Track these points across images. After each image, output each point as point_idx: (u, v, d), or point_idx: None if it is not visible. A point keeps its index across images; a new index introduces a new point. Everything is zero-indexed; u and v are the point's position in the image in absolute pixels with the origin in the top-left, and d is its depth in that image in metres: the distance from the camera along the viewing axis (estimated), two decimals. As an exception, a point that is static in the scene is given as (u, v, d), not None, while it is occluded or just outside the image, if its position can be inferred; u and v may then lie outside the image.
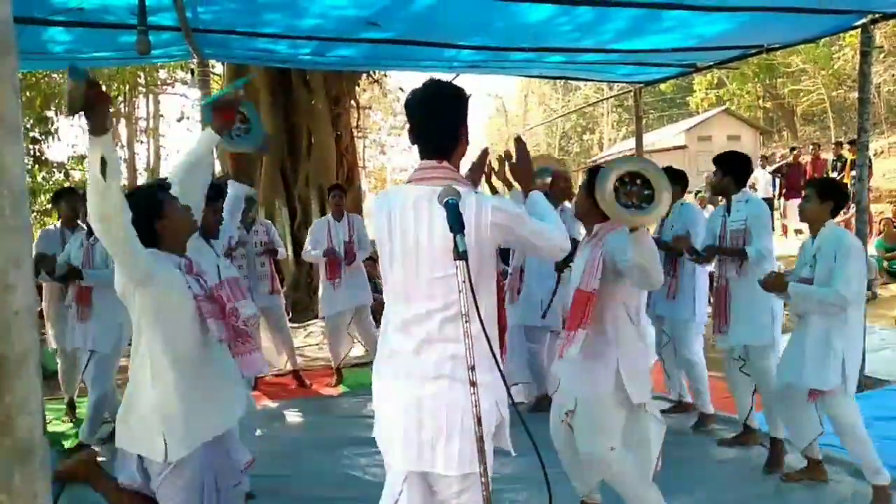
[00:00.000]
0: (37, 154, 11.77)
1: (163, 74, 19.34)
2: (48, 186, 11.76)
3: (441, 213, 1.81)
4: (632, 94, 8.03)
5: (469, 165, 2.52)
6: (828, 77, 26.81)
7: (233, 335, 2.43)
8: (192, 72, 5.93)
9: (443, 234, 1.86)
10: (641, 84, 7.47)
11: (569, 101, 43.03)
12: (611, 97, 19.73)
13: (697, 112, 33.96)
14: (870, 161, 9.60)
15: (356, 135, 11.47)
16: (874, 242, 9.69)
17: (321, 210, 8.77)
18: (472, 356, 1.71)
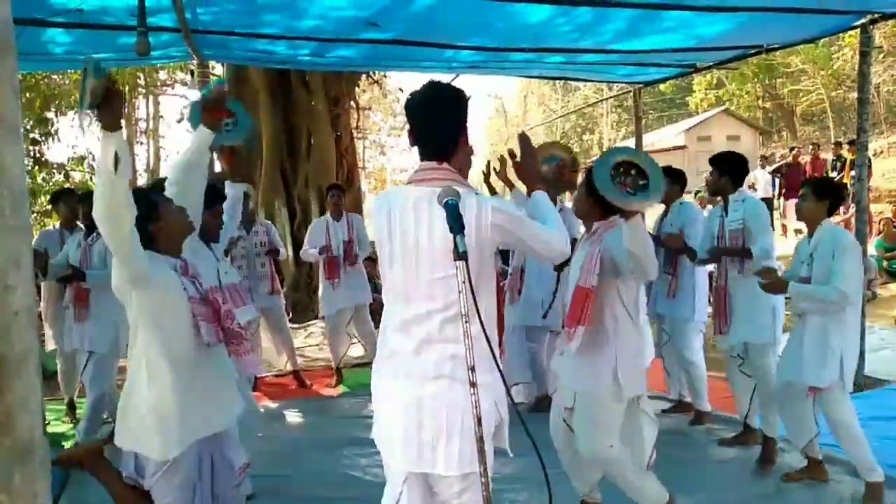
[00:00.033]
0: (37, 155, 11.74)
1: (162, 75, 19.35)
2: (48, 187, 11.71)
3: (441, 214, 1.80)
4: (631, 95, 8.04)
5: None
6: (827, 77, 26.82)
7: (224, 338, 2.43)
8: (192, 73, 5.93)
9: (443, 235, 1.85)
10: (641, 84, 7.48)
11: (568, 102, 43.04)
12: (610, 97, 19.73)
13: (697, 112, 33.96)
14: (869, 161, 9.63)
15: (356, 135, 11.47)
16: (874, 242, 9.68)
17: (321, 211, 8.75)
18: (472, 357, 1.71)
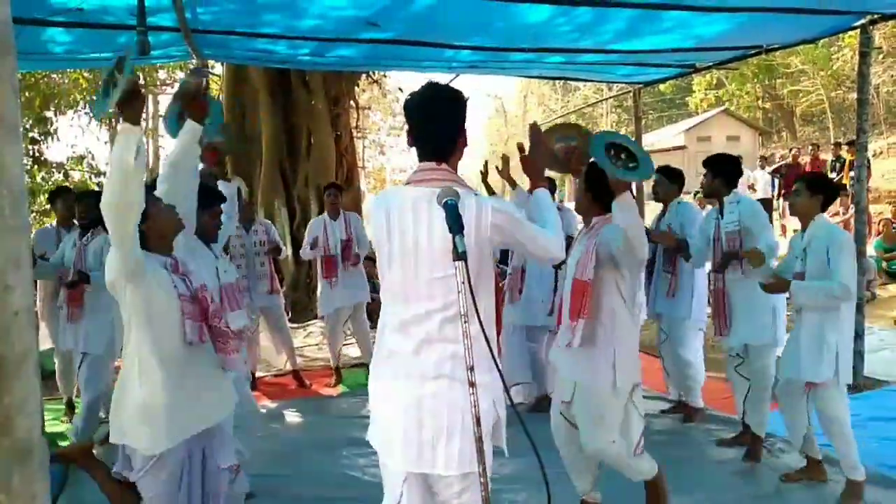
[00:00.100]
0: (36, 154, 11.75)
1: (162, 75, 19.31)
2: (47, 187, 11.71)
3: (440, 214, 1.80)
4: (631, 95, 8.05)
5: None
6: (827, 78, 26.84)
7: (208, 337, 2.43)
8: (191, 73, 5.92)
9: (442, 235, 1.85)
10: (641, 84, 7.48)
11: (568, 102, 43.03)
12: (610, 98, 19.71)
13: (696, 112, 33.98)
14: (868, 162, 9.61)
15: (355, 135, 11.46)
16: (873, 243, 9.68)
17: (320, 210, 8.72)
18: (471, 356, 1.71)
